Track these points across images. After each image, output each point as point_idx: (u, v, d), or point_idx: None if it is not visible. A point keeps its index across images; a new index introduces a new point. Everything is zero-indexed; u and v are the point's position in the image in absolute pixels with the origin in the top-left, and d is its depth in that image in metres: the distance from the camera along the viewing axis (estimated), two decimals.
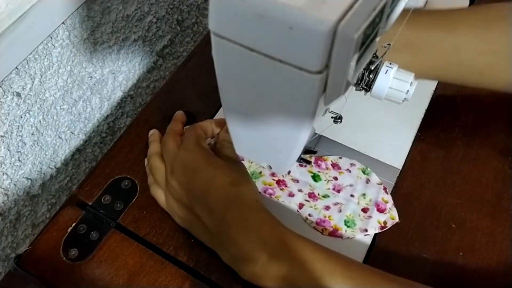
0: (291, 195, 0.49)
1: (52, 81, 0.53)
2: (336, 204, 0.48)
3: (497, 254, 0.45)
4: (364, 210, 0.48)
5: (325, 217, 0.47)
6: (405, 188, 0.49)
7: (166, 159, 0.46)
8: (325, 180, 0.50)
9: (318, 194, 0.49)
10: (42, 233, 0.47)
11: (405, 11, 0.33)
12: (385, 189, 0.49)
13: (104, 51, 0.59)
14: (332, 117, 0.48)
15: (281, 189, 0.49)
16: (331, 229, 0.46)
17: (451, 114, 0.55)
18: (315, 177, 0.50)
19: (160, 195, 0.47)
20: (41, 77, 0.51)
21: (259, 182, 0.49)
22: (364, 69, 0.41)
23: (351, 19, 0.25)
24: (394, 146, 0.52)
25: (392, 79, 0.41)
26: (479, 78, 0.46)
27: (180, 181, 0.43)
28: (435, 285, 0.44)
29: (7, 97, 0.48)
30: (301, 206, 0.48)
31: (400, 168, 0.50)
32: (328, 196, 0.49)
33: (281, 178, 0.50)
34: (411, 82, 0.41)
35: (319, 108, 0.32)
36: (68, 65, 0.54)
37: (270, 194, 0.49)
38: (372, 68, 0.40)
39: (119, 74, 0.65)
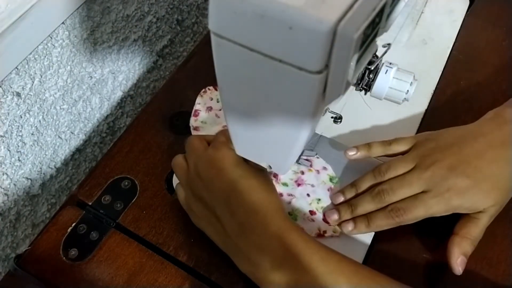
0: None
1: (52, 81, 0.53)
2: (289, 195, 0.48)
3: (497, 254, 0.45)
4: (312, 212, 0.47)
5: None
6: None
7: (190, 156, 0.44)
8: (292, 171, 0.50)
9: (280, 180, 0.49)
10: (42, 233, 0.47)
11: None
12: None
13: (104, 51, 0.59)
14: (332, 117, 0.48)
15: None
16: None
17: (451, 114, 0.55)
18: None
19: (181, 192, 0.46)
20: (41, 77, 0.51)
21: None
22: (364, 69, 0.41)
23: (351, 19, 0.25)
24: None
25: (392, 79, 0.41)
26: None
27: (204, 179, 0.41)
28: (435, 285, 0.44)
29: (7, 97, 0.48)
30: None
31: None
32: (287, 186, 0.49)
33: None
34: (411, 82, 0.41)
35: (319, 108, 0.32)
36: (68, 65, 0.54)
37: None
38: (372, 68, 0.40)
39: (119, 74, 0.65)
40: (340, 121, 0.48)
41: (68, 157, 0.63)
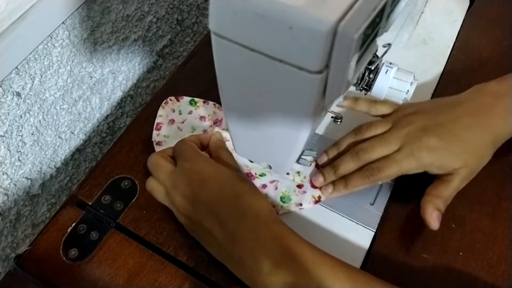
0: None
1: (52, 81, 0.53)
2: (272, 182, 0.49)
3: (497, 254, 0.45)
4: (299, 186, 0.49)
5: None
6: (405, 188, 0.49)
7: (160, 176, 0.43)
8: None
9: (255, 174, 0.49)
10: (42, 233, 0.47)
11: None
12: (317, 166, 0.50)
13: (104, 51, 0.59)
14: (332, 117, 0.48)
15: None
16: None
17: None
18: None
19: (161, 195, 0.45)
20: (41, 77, 0.51)
21: None
22: (364, 69, 0.41)
23: (351, 19, 0.25)
24: None
25: (392, 79, 0.41)
26: None
27: (186, 195, 0.41)
28: (435, 285, 0.44)
29: (7, 97, 0.48)
30: None
31: None
32: (265, 175, 0.49)
33: None
34: (411, 82, 0.41)
35: (319, 108, 0.32)
36: (68, 65, 0.54)
37: None
38: (372, 68, 0.40)
39: (119, 74, 0.65)
40: (340, 121, 0.48)
41: (68, 157, 0.63)
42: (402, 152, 0.44)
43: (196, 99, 0.55)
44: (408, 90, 0.41)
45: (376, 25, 0.29)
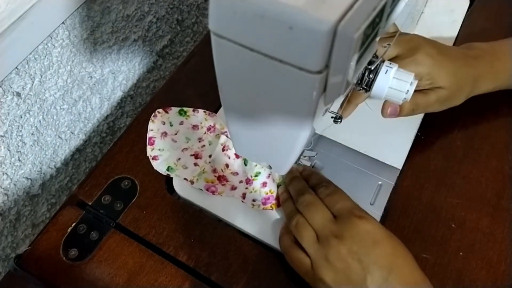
0: (233, 188, 0.49)
1: (52, 81, 0.53)
2: (268, 176, 0.49)
3: (497, 254, 0.45)
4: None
5: (266, 194, 0.48)
6: (405, 188, 0.49)
7: (317, 223, 0.41)
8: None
9: (251, 176, 0.50)
10: (42, 233, 0.47)
11: None
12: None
13: (104, 51, 0.59)
14: (332, 117, 0.48)
15: (222, 185, 0.50)
16: (276, 201, 0.48)
17: (451, 114, 0.55)
18: (245, 161, 0.51)
19: (303, 258, 0.41)
20: (41, 77, 0.51)
21: (202, 180, 0.50)
22: (364, 69, 0.41)
23: (351, 19, 0.25)
24: (394, 146, 0.52)
25: (392, 79, 0.41)
26: None
27: (354, 251, 0.38)
28: (435, 285, 0.44)
29: (7, 97, 0.48)
30: (244, 195, 0.49)
31: (400, 168, 0.50)
32: (260, 173, 0.50)
33: (221, 174, 0.50)
34: (411, 82, 0.41)
35: (319, 108, 0.32)
36: (68, 65, 0.54)
37: (213, 192, 0.49)
38: (372, 68, 0.40)
39: (119, 74, 0.65)
40: (340, 121, 0.48)
41: (68, 157, 0.62)
42: (403, 57, 0.46)
43: (185, 108, 0.55)
44: (408, 90, 0.41)
45: (376, 25, 0.29)
